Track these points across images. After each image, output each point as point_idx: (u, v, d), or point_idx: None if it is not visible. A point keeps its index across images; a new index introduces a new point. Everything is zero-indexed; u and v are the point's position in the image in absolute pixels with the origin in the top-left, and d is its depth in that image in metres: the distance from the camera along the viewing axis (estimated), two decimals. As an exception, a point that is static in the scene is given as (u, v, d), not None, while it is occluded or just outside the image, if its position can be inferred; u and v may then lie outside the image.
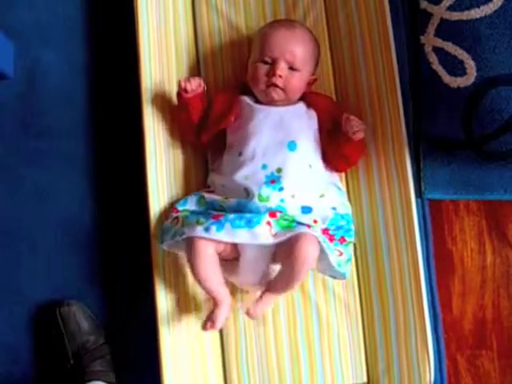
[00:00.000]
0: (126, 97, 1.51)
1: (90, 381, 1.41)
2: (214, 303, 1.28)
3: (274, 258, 1.32)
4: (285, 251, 1.28)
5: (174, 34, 1.48)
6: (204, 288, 1.31)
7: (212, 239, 1.27)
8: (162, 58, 1.44)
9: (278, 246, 1.29)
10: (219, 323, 1.27)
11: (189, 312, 1.40)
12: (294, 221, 1.31)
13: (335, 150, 1.36)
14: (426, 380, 1.34)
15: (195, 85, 1.37)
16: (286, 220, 1.30)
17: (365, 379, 1.42)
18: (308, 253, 1.25)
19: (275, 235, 1.28)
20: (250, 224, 1.26)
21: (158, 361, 1.34)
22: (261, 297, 1.29)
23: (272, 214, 1.29)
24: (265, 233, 1.26)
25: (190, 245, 1.29)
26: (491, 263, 1.50)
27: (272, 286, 1.30)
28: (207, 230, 1.27)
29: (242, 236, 1.26)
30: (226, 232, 1.26)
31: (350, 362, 1.41)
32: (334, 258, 1.30)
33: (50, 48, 1.58)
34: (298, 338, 1.41)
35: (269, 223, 1.28)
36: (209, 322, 1.27)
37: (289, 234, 1.26)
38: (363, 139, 1.34)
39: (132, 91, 1.43)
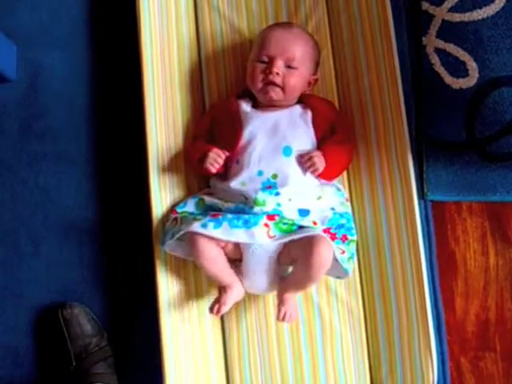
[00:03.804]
0: (128, 99, 1.51)
1: (92, 383, 1.41)
2: (223, 288, 1.31)
3: (280, 260, 1.32)
4: (298, 254, 1.29)
5: (176, 37, 1.48)
6: (211, 278, 1.35)
7: (209, 236, 1.28)
8: (165, 59, 1.45)
9: (286, 247, 1.30)
10: (226, 307, 1.29)
11: (191, 314, 1.39)
12: (293, 224, 1.31)
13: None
14: (430, 382, 1.34)
15: (221, 161, 1.35)
16: (285, 224, 1.31)
17: (368, 381, 1.41)
18: (325, 258, 1.26)
19: (274, 237, 1.29)
20: (247, 224, 1.28)
21: (160, 363, 1.35)
22: (281, 300, 1.30)
23: (270, 217, 1.30)
24: (262, 234, 1.28)
25: (192, 243, 1.30)
26: (494, 265, 1.49)
27: (286, 287, 1.31)
28: (204, 225, 1.28)
29: (238, 235, 1.27)
30: (223, 230, 1.28)
31: (353, 364, 1.41)
32: (337, 254, 1.30)
33: (53, 50, 1.58)
34: (301, 340, 1.40)
35: (266, 225, 1.29)
36: (216, 304, 1.30)
37: (301, 235, 1.27)
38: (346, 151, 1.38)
39: (134, 93, 1.44)
